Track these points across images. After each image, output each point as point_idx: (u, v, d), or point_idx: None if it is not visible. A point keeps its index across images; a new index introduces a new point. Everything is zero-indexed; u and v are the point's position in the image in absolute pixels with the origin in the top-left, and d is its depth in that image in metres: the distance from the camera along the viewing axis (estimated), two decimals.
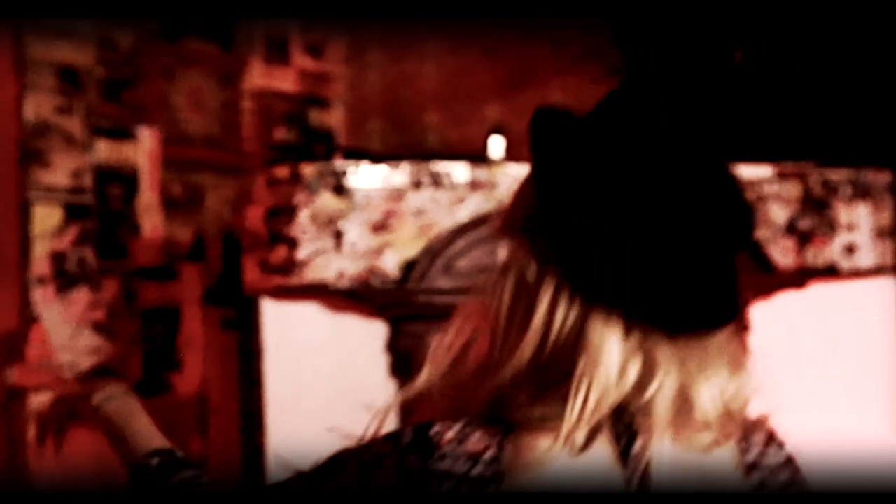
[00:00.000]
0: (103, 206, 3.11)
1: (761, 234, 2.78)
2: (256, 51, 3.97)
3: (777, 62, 3.60)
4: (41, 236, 2.91)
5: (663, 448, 0.89)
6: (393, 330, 2.42)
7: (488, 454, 0.89)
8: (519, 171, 2.60)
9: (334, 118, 4.41)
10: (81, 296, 3.03)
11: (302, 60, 4.25)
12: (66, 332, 2.98)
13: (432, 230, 2.36)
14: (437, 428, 0.92)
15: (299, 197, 2.27)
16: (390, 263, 2.33)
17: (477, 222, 2.39)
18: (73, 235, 3.00)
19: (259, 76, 3.98)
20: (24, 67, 2.88)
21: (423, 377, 0.97)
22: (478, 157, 2.62)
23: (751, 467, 0.94)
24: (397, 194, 2.35)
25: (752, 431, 0.97)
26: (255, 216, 2.41)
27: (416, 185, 2.36)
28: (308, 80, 4.27)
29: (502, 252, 1.42)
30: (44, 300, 2.92)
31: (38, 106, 2.93)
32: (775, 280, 2.79)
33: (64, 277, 2.98)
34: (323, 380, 2.41)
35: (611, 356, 0.87)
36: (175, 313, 3.33)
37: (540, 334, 0.89)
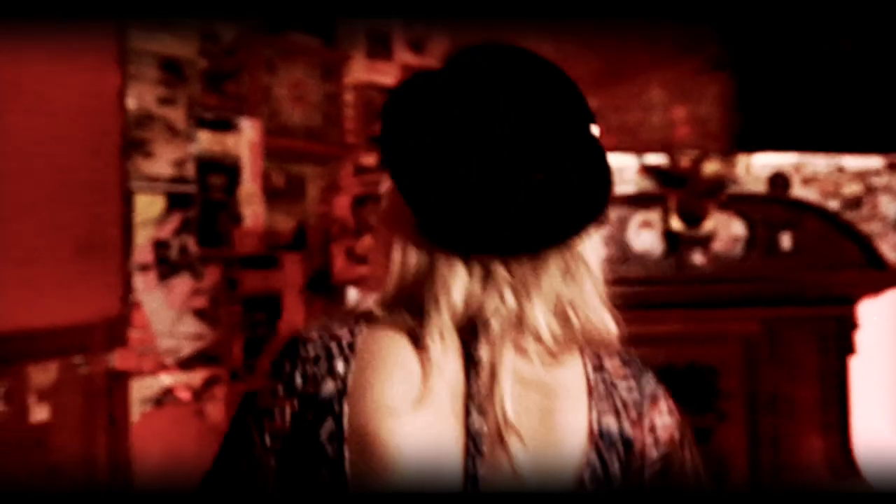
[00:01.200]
0: (205, 196, 3.02)
1: (871, 227, 2.52)
2: (358, 46, 3.85)
3: (886, 50, 3.31)
4: (144, 224, 2.84)
5: (505, 356, 0.95)
6: None
7: (346, 338, 0.98)
8: (612, 160, 2.41)
9: None
10: (183, 283, 2.96)
11: (404, 55, 4.12)
12: (167, 318, 2.91)
13: None
14: (305, 329, 1.02)
15: (385, 185, 2.12)
16: None
17: None
18: (175, 224, 2.92)
19: (361, 70, 3.86)
20: (127, 59, 2.80)
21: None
22: None
23: (595, 383, 0.99)
24: None
25: (608, 354, 1.01)
26: (342, 205, 2.28)
27: None
28: (409, 74, 4.14)
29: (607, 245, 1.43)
30: (146, 287, 2.85)
31: (140, 97, 2.85)
32: (886, 276, 2.54)
33: (166, 265, 2.91)
34: None
35: (454, 282, 0.96)
36: (276, 300, 3.24)
37: (399, 270, 0.99)
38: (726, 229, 2.55)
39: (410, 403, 0.95)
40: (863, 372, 2.68)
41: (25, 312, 2.47)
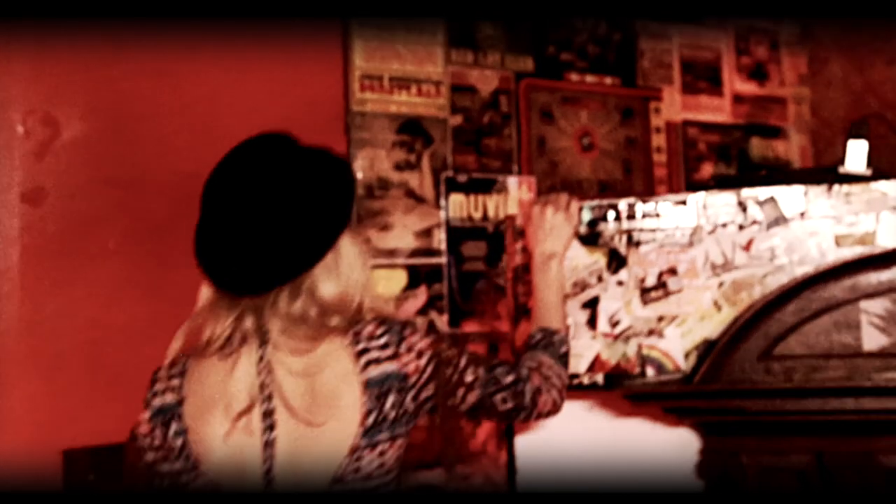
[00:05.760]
0: (458, 268, 2.43)
1: None
2: (670, 81, 3.03)
3: None
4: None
5: (275, 355, 1.19)
6: (700, 443, 1.38)
7: (177, 367, 1.24)
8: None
9: (787, 145, 3.28)
10: None
11: (738, 85, 3.21)
12: None
13: (741, 294, 1.30)
14: (159, 368, 1.27)
15: None
16: (674, 347, 1.31)
17: (816, 278, 1.26)
18: (418, 302, 2.36)
19: (674, 108, 3.03)
20: (355, 124, 2.32)
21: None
22: (830, 172, 1.46)
23: (361, 353, 1.16)
24: (684, 240, 1.33)
25: (362, 329, 1.18)
26: (509, 279, 1.55)
27: (714, 226, 1.31)
28: (747, 106, 3.21)
29: (869, 331, 1.23)
30: None
31: (373, 163, 2.35)
32: None
33: None
34: None
35: (222, 308, 1.21)
36: None
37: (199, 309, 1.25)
38: None
39: (223, 397, 1.18)
40: None
41: None
